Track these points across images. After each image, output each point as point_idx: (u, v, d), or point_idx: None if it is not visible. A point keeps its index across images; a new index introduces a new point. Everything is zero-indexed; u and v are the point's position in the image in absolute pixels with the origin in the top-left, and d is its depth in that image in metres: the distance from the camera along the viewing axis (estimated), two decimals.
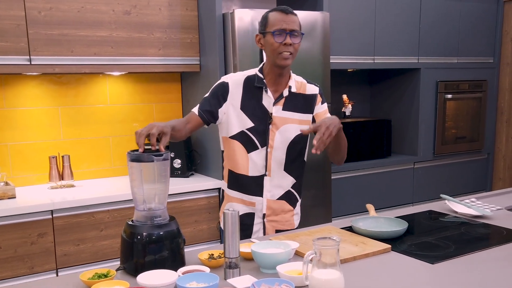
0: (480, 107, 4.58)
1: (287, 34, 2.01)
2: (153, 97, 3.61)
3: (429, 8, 4.14)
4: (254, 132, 2.11)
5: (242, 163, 2.14)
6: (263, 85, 2.11)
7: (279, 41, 2.01)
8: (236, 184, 2.19)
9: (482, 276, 1.57)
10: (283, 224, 2.23)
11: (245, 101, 2.12)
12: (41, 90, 3.24)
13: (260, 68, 2.16)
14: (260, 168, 2.14)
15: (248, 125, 2.11)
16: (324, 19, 3.39)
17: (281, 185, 2.18)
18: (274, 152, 2.13)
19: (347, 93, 4.34)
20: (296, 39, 2.04)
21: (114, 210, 2.93)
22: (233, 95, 2.12)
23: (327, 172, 3.56)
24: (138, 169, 1.65)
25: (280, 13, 2.04)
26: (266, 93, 2.11)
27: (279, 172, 2.16)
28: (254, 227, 2.20)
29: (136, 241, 1.62)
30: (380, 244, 1.85)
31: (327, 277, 1.38)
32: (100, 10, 3.04)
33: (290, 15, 2.04)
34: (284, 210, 2.21)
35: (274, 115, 2.12)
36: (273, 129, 2.12)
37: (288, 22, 2.02)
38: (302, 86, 2.19)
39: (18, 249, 2.70)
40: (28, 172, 3.24)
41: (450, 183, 4.48)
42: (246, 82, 2.14)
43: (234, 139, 2.13)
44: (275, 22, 2.03)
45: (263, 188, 2.16)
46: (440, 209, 2.42)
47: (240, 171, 2.16)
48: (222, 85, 2.14)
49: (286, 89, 2.13)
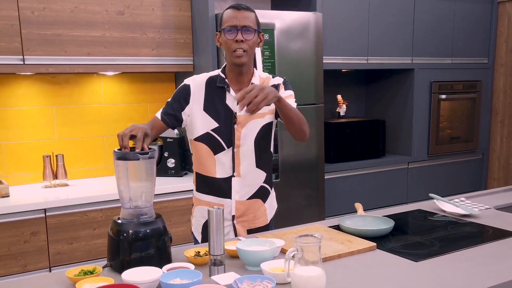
0: (474, 108, 4.59)
1: (238, 30, 1.98)
2: (147, 97, 3.63)
3: (423, 8, 4.16)
4: (219, 132, 2.07)
5: (208, 165, 2.10)
6: (225, 85, 2.08)
7: (230, 38, 1.99)
8: (204, 186, 2.15)
9: (464, 273, 1.59)
10: (254, 223, 2.18)
11: (208, 102, 2.09)
12: (35, 89, 3.26)
13: (223, 68, 2.13)
14: (227, 169, 2.09)
15: (213, 126, 2.07)
16: (317, 20, 3.41)
17: (254, 183, 2.14)
18: (241, 151, 2.09)
19: (341, 93, 4.35)
20: (248, 35, 1.99)
21: (107, 209, 2.95)
22: (195, 97, 2.09)
23: (320, 171, 3.58)
24: (124, 167, 1.66)
25: (232, 9, 2.01)
26: (229, 93, 2.08)
27: (251, 171, 2.12)
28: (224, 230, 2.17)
29: (122, 238, 1.64)
30: (366, 242, 1.86)
31: (309, 274, 1.40)
32: (93, 10, 3.06)
33: (242, 11, 2.00)
34: (255, 209, 2.17)
35: (238, 114, 2.07)
36: (238, 129, 2.07)
37: (240, 18, 1.98)
38: (266, 81, 2.14)
39: (11, 248, 2.72)
40: (22, 171, 3.25)
41: (445, 183, 4.50)
42: (208, 83, 2.11)
43: (199, 141, 2.10)
44: (227, 19, 2.01)
45: (231, 190, 2.11)
46: (429, 208, 2.44)
47: (207, 173, 2.12)
48: (184, 87, 2.12)
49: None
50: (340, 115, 4.26)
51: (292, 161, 3.42)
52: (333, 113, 4.39)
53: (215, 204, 2.12)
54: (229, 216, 2.14)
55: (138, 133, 1.74)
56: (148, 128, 1.81)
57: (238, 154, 2.09)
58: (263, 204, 2.19)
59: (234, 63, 2.03)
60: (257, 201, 2.17)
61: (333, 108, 4.38)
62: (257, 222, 2.19)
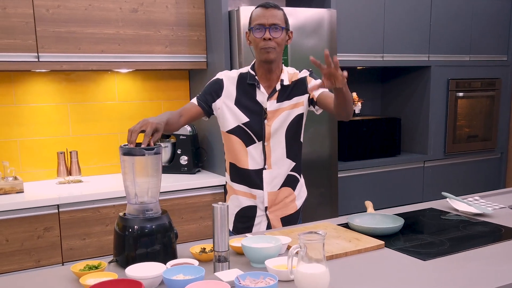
0: (493, 106, 4.51)
1: (266, 28, 2.03)
2: (161, 94, 3.64)
3: (440, 4, 4.09)
4: (249, 126, 2.14)
5: (241, 157, 2.17)
6: (255, 82, 2.14)
7: (259, 36, 2.04)
8: (238, 176, 2.21)
9: (473, 273, 1.56)
10: (286, 211, 2.24)
11: (239, 97, 2.15)
12: (50, 87, 3.29)
13: (252, 65, 2.19)
14: (259, 161, 2.17)
15: (244, 120, 2.14)
16: (331, 16, 3.38)
17: (283, 172, 2.20)
18: (272, 145, 2.16)
19: (357, 91, 4.32)
20: (276, 33, 2.04)
21: (120, 206, 2.97)
22: (227, 91, 2.16)
23: (334, 170, 3.55)
24: (130, 163, 1.67)
25: (260, 8, 2.06)
26: (259, 89, 2.14)
27: (280, 161, 2.18)
28: (256, 220, 2.21)
29: (127, 234, 1.64)
30: (374, 240, 1.84)
31: (312, 271, 1.38)
32: (107, 7, 3.08)
33: (270, 9, 2.04)
34: (285, 197, 2.23)
35: (268, 110, 2.14)
36: (268, 123, 2.14)
37: (268, 17, 2.03)
38: (294, 76, 2.20)
39: (24, 243, 2.76)
40: (36, 168, 3.29)
41: (462, 183, 4.43)
42: (239, 79, 2.17)
43: (231, 133, 2.17)
44: (256, 17, 2.06)
45: (263, 181, 2.18)
46: (442, 207, 2.40)
47: (241, 165, 2.19)
48: (217, 81, 2.18)
49: (278, 83, 2.15)
50: (355, 113, 4.22)
51: (305, 159, 3.40)
52: None
53: (248, 194, 2.21)
54: (262, 206, 2.21)
55: (147, 129, 1.75)
56: (160, 123, 1.82)
57: (269, 147, 2.16)
58: (293, 192, 2.26)
59: (262, 60, 2.08)
60: (287, 189, 2.24)
61: None
62: (288, 209, 2.25)
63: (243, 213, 2.23)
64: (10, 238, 2.72)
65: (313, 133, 3.41)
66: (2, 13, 2.81)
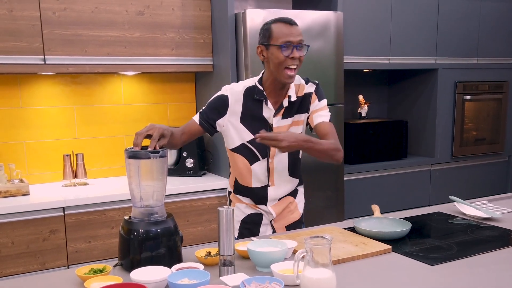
0: (500, 109, 4.48)
1: (294, 47, 1.96)
2: (167, 97, 3.64)
3: (447, 6, 4.07)
4: (254, 144, 2.07)
5: (245, 175, 2.14)
6: (263, 98, 2.06)
7: (286, 54, 1.95)
8: (242, 192, 2.20)
9: (482, 278, 1.54)
10: (290, 218, 2.23)
11: (245, 114, 2.08)
12: (56, 89, 3.30)
13: (260, 79, 2.10)
14: (263, 179, 2.13)
15: (248, 137, 2.08)
16: (338, 19, 3.37)
17: (288, 189, 2.19)
18: (276, 162, 2.12)
19: (363, 94, 4.30)
20: (302, 51, 1.99)
21: (125, 208, 2.96)
22: (232, 109, 2.08)
23: (340, 173, 3.53)
24: (136, 166, 1.66)
25: (285, 24, 1.97)
26: (266, 106, 2.07)
27: (284, 179, 2.16)
28: (261, 228, 2.20)
29: (132, 237, 1.63)
30: (381, 244, 1.82)
31: (318, 276, 1.37)
32: (113, 10, 3.08)
33: (294, 27, 1.98)
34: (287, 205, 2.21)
35: (274, 126, 2.08)
36: None
37: (295, 35, 1.96)
38: (300, 89, 2.13)
39: (30, 245, 2.75)
40: (42, 170, 3.29)
41: (469, 186, 4.40)
42: (246, 93, 2.09)
43: (236, 152, 2.12)
44: (281, 34, 1.96)
45: (267, 198, 2.15)
46: (449, 211, 2.38)
47: (244, 183, 2.16)
48: (221, 98, 2.10)
49: (286, 99, 2.08)
50: (362, 115, 4.20)
51: (311, 162, 3.36)
52: (354, 113, 4.34)
53: (252, 205, 2.19)
54: (267, 221, 2.20)
55: (154, 133, 1.75)
56: (167, 129, 1.82)
57: (273, 164, 2.12)
58: (294, 200, 2.24)
59: (284, 83, 2.01)
60: (289, 198, 2.22)
61: (355, 108, 4.32)
62: (292, 217, 2.24)
63: (249, 219, 2.20)
64: (16, 240, 2.72)
65: None
66: (9, 15, 2.82)
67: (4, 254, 2.70)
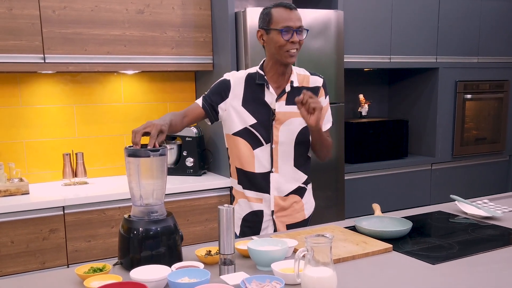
0: (501, 108, 4.48)
1: (294, 31, 1.99)
2: (167, 96, 3.63)
3: (448, 5, 4.07)
4: (257, 128, 2.09)
5: (248, 159, 2.13)
6: (265, 82, 2.09)
7: (287, 38, 1.98)
8: (246, 180, 2.17)
9: (483, 277, 1.53)
10: (294, 218, 2.21)
11: (247, 98, 2.10)
12: (56, 88, 3.29)
13: (261, 65, 2.14)
14: (266, 164, 2.12)
15: (251, 121, 2.09)
16: (338, 18, 3.36)
17: (293, 182, 2.17)
18: (280, 148, 2.12)
19: (364, 93, 4.29)
20: (301, 35, 2.02)
21: (125, 208, 2.96)
22: (235, 92, 2.11)
23: (340, 172, 3.53)
24: (135, 164, 1.65)
25: (285, 9, 2.00)
26: (268, 90, 2.09)
27: (289, 169, 2.15)
28: (263, 224, 2.19)
29: (132, 236, 1.62)
30: (382, 243, 1.81)
31: (319, 275, 1.36)
32: (113, 9, 3.07)
33: (294, 11, 2.01)
34: (293, 204, 2.20)
35: (277, 111, 2.09)
36: (276, 125, 2.09)
37: (294, 20, 1.99)
38: (305, 79, 2.16)
39: (30, 244, 2.75)
40: (42, 169, 3.29)
41: (470, 185, 4.39)
42: (247, 79, 2.12)
43: (238, 135, 2.12)
44: (280, 19, 1.99)
45: (270, 185, 2.14)
46: (450, 210, 2.37)
47: (247, 168, 2.15)
48: (224, 82, 2.13)
49: (288, 84, 2.11)
50: (362, 115, 4.20)
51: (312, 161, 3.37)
52: (355, 112, 4.33)
53: (255, 198, 2.17)
54: (268, 211, 2.18)
55: (152, 130, 1.73)
56: (164, 124, 1.80)
57: (277, 150, 2.12)
58: (301, 200, 2.23)
59: (284, 62, 2.03)
60: (295, 197, 2.21)
61: (355, 107, 4.32)
62: (296, 217, 2.22)
63: (251, 217, 2.19)
64: (15, 239, 2.71)
65: None
66: (8, 14, 2.81)
67: (4, 253, 2.69)
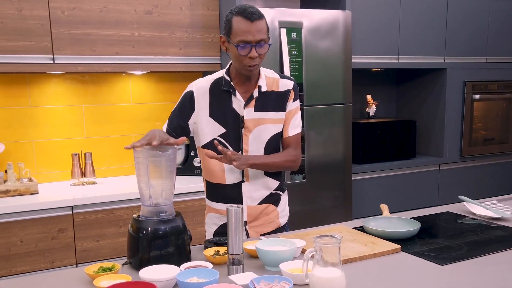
0: (510, 108, 4.45)
1: (252, 46, 1.85)
2: (175, 96, 3.64)
3: (457, 5, 4.05)
4: (226, 138, 2.00)
5: (217, 172, 2.04)
6: (231, 89, 1.98)
7: (244, 54, 1.85)
8: (215, 194, 2.09)
9: (492, 278, 1.53)
10: (267, 226, 2.12)
11: (214, 108, 2.00)
12: (65, 88, 3.31)
13: (227, 69, 2.02)
14: (237, 174, 2.03)
15: (220, 131, 2.00)
16: (346, 18, 3.36)
17: (264, 189, 2.08)
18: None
19: (372, 93, 4.28)
20: (262, 49, 1.87)
21: (134, 207, 2.97)
22: (200, 104, 2.00)
23: (348, 172, 3.52)
24: (145, 164, 1.66)
25: (244, 20, 1.83)
26: (235, 97, 1.99)
27: (259, 177, 2.05)
28: None
29: (141, 236, 1.63)
30: (390, 244, 1.81)
31: (328, 276, 1.37)
32: (122, 10, 3.09)
33: (255, 23, 1.83)
34: (267, 214, 2.11)
35: (246, 118, 1.99)
36: (246, 133, 2.00)
37: (254, 33, 1.83)
38: (274, 83, 2.04)
39: (39, 244, 2.77)
40: (51, 169, 3.31)
41: (478, 186, 4.38)
42: (212, 87, 2.01)
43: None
44: (239, 31, 1.84)
45: (242, 195, 2.05)
46: (459, 211, 2.36)
47: (217, 181, 2.06)
48: (187, 95, 2.03)
49: (256, 89, 1.99)
50: (370, 115, 4.19)
51: (319, 162, 3.38)
52: (362, 113, 4.33)
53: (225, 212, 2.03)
54: None
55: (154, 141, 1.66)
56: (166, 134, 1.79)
57: None
58: (276, 209, 2.14)
59: (245, 75, 1.94)
60: (269, 206, 2.11)
61: (363, 108, 4.31)
62: (270, 226, 2.13)
63: (222, 229, 2.07)
64: (25, 239, 2.73)
65: (327, 135, 3.39)
66: (18, 15, 2.83)
67: (13, 253, 2.71)
